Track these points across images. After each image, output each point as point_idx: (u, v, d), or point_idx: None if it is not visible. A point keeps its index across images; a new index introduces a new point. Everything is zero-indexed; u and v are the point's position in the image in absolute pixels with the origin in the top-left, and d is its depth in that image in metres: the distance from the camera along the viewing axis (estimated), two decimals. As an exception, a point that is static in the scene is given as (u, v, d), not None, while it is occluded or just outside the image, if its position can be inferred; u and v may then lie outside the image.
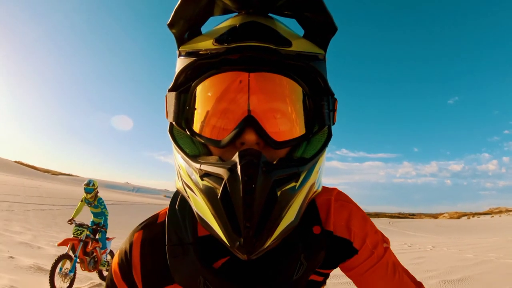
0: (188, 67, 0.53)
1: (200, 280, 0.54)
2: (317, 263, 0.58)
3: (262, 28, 0.52)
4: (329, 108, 0.56)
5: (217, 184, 0.46)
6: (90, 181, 5.50)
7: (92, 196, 5.46)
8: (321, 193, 0.67)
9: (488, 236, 19.04)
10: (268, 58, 0.51)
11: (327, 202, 0.65)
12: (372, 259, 0.64)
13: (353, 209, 0.67)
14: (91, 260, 5.00)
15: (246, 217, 0.43)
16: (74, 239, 4.75)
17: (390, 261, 0.66)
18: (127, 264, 0.62)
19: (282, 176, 0.46)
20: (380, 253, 0.65)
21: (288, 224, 0.47)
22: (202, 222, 0.49)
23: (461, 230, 27.97)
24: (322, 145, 0.55)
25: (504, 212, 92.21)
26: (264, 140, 0.50)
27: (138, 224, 0.67)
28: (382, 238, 0.68)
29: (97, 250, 5.11)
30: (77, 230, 4.86)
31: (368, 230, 0.66)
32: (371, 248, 0.64)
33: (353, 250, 0.64)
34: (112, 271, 0.64)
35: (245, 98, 0.50)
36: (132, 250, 0.62)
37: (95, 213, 5.60)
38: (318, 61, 0.54)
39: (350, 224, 0.65)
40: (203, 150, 0.56)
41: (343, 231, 0.64)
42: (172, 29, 0.54)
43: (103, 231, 5.41)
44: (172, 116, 0.56)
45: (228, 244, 0.45)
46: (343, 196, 0.69)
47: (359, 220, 0.66)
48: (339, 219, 0.65)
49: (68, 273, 4.43)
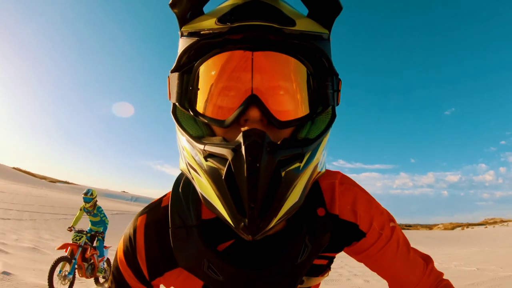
0: (191, 47, 0.53)
1: (204, 263, 0.54)
2: (322, 246, 0.59)
3: (266, 7, 0.51)
4: (333, 89, 0.55)
5: (221, 164, 0.46)
6: (88, 191, 5.54)
7: (91, 205, 5.51)
8: (325, 176, 0.67)
9: (473, 247, 19.48)
10: (271, 38, 0.51)
11: (331, 185, 0.66)
12: (381, 240, 0.65)
13: (358, 192, 0.67)
14: (89, 267, 5.07)
15: (251, 197, 0.43)
16: (73, 244, 4.83)
17: (399, 240, 0.67)
18: (131, 249, 0.62)
19: (286, 157, 0.46)
20: (388, 234, 0.65)
21: (292, 205, 0.48)
22: (206, 203, 0.49)
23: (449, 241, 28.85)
24: (326, 125, 0.55)
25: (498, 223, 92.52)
26: (267, 119, 0.50)
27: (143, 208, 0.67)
28: (388, 217, 0.68)
29: (94, 257, 5.18)
30: (76, 236, 4.94)
31: (374, 212, 0.66)
32: (379, 230, 0.65)
33: (360, 233, 0.65)
34: (117, 258, 0.64)
35: (248, 77, 0.50)
36: (136, 234, 0.62)
37: (94, 222, 5.66)
38: (323, 40, 0.54)
39: (356, 207, 0.65)
40: (207, 130, 0.56)
41: (348, 214, 0.65)
42: (174, 8, 0.53)
43: (101, 239, 5.49)
44: (175, 97, 0.55)
45: (233, 225, 0.46)
46: (347, 179, 0.69)
47: (365, 202, 0.66)
48: (344, 203, 0.65)
49: (67, 275, 4.50)
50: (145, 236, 0.61)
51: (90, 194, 5.48)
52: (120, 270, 0.63)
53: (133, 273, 0.62)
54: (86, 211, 5.58)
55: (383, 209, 0.68)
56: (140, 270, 0.61)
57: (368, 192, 0.69)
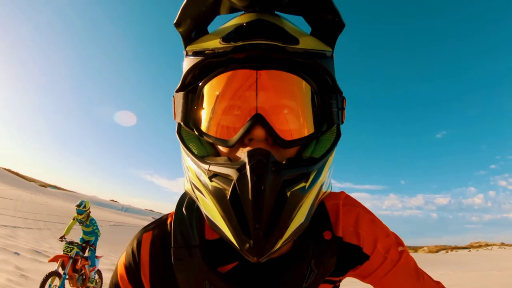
0: (195, 66, 0.53)
1: (206, 285, 0.53)
2: (327, 270, 0.57)
3: (269, 26, 0.51)
4: (338, 107, 0.55)
5: (226, 185, 0.45)
6: (82, 203, 5.61)
7: (84, 217, 5.57)
8: (330, 197, 0.66)
9: (441, 270, 19.95)
10: (275, 56, 0.51)
11: (335, 206, 0.64)
12: (386, 264, 0.62)
13: (360, 212, 0.65)
14: (80, 277, 5.08)
15: (256, 218, 0.42)
16: (64, 256, 4.86)
17: (408, 266, 0.63)
18: (134, 265, 0.60)
19: (291, 176, 0.46)
20: (395, 258, 0.62)
21: (298, 225, 0.46)
22: (211, 223, 0.48)
23: (425, 264, 30.60)
24: (331, 144, 0.54)
25: (483, 247, 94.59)
26: (272, 138, 0.49)
27: (147, 224, 0.66)
28: (396, 241, 0.65)
29: (86, 268, 5.19)
30: (67, 247, 4.98)
31: (379, 233, 0.64)
32: (384, 253, 0.62)
33: (364, 256, 0.62)
34: (117, 274, 0.62)
35: (253, 96, 0.49)
36: (141, 251, 0.61)
37: (86, 232, 5.70)
38: (326, 58, 0.54)
39: (358, 229, 0.63)
40: (211, 150, 0.55)
41: (351, 236, 0.63)
42: (179, 28, 0.54)
43: (93, 250, 5.52)
44: (180, 116, 0.55)
45: (238, 246, 0.44)
46: (350, 200, 0.68)
47: (368, 223, 0.64)
48: (347, 224, 0.63)
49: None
50: (150, 253, 0.60)
51: (83, 206, 5.57)
52: (120, 286, 0.61)
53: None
54: (79, 221, 5.64)
55: (389, 231, 0.66)
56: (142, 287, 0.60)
57: (373, 213, 0.67)
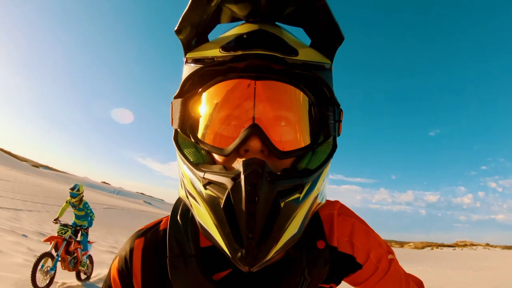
0: (194, 74, 0.53)
1: None
2: (320, 279, 0.58)
3: (269, 37, 0.52)
4: (335, 119, 0.55)
5: (221, 193, 0.45)
6: (75, 186, 5.63)
7: (77, 200, 5.59)
8: (324, 207, 0.66)
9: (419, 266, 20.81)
10: (274, 67, 0.51)
11: (329, 216, 0.65)
12: (378, 273, 0.64)
13: (355, 223, 0.67)
14: (72, 260, 5.12)
15: (249, 227, 0.42)
16: (58, 237, 4.90)
17: (397, 273, 0.65)
18: (127, 271, 0.60)
19: (286, 187, 0.46)
20: (385, 267, 0.64)
21: (291, 236, 0.47)
22: (204, 231, 0.48)
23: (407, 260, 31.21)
24: (327, 156, 0.54)
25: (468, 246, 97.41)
26: (268, 149, 0.49)
27: (137, 230, 0.66)
28: (387, 249, 0.67)
29: (78, 251, 5.23)
30: (61, 229, 5.03)
31: (372, 244, 0.65)
32: (376, 262, 0.64)
33: (356, 265, 0.64)
34: (110, 278, 0.62)
35: (250, 105, 0.50)
36: (133, 257, 0.61)
37: (78, 216, 5.70)
38: (325, 70, 0.54)
39: (353, 239, 0.65)
40: (208, 158, 0.55)
41: (346, 246, 0.64)
42: (179, 35, 0.54)
43: (85, 234, 5.54)
44: (177, 122, 0.55)
45: (230, 255, 0.45)
46: (345, 210, 0.69)
47: (362, 234, 0.66)
48: (342, 235, 0.64)
49: (49, 271, 4.56)
50: (142, 260, 0.60)
51: (77, 190, 5.59)
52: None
53: None
54: (72, 205, 5.64)
55: (381, 241, 0.67)
56: None
57: (366, 223, 0.69)
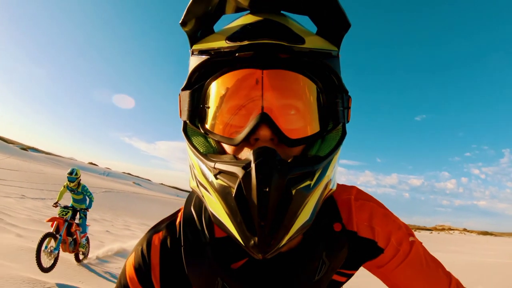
0: (201, 65, 0.53)
1: (218, 282, 0.54)
2: (339, 262, 0.58)
3: (275, 26, 0.52)
4: (343, 106, 0.55)
5: (232, 182, 0.45)
6: (73, 170, 5.68)
7: (75, 184, 5.65)
8: (341, 192, 0.67)
9: None
10: (281, 56, 0.51)
11: (347, 201, 0.65)
12: (399, 256, 0.63)
13: (374, 207, 0.66)
14: (72, 242, 5.18)
15: (261, 215, 0.42)
16: (60, 219, 4.99)
17: (418, 256, 0.64)
18: (144, 266, 0.60)
19: (297, 175, 0.46)
20: (407, 249, 0.63)
21: (303, 223, 0.47)
22: (216, 221, 0.49)
23: None
24: (337, 143, 0.54)
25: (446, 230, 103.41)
26: (278, 137, 0.49)
27: (155, 224, 0.66)
28: (407, 232, 0.66)
29: (77, 233, 5.30)
30: (62, 211, 5.15)
31: (392, 227, 0.65)
32: (396, 245, 0.63)
33: (378, 250, 0.63)
34: (125, 276, 0.62)
35: (258, 95, 0.50)
36: (151, 252, 0.61)
37: (76, 199, 5.74)
38: (332, 58, 0.54)
39: (373, 223, 0.64)
40: (217, 148, 0.55)
41: (366, 231, 0.63)
42: (185, 27, 0.54)
43: (84, 217, 5.62)
44: (186, 114, 0.56)
45: (243, 243, 0.45)
46: (362, 194, 0.68)
47: (381, 218, 0.65)
48: (361, 219, 0.64)
49: (53, 251, 4.62)
50: (161, 254, 0.61)
51: (75, 174, 5.64)
52: (130, 287, 0.61)
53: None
54: (69, 189, 5.70)
55: (400, 223, 0.67)
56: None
57: (385, 206, 0.68)
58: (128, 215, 17.32)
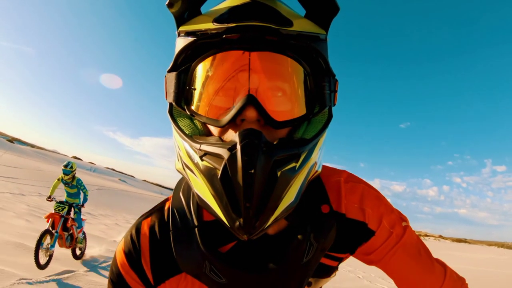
0: (188, 47, 0.52)
1: (206, 265, 0.53)
2: (327, 244, 0.57)
3: (263, 8, 0.51)
4: (330, 89, 0.55)
5: (217, 164, 0.45)
6: (68, 163, 5.57)
7: (70, 178, 5.53)
8: (330, 175, 0.66)
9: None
10: (268, 38, 0.50)
11: (336, 183, 0.64)
12: (392, 239, 0.62)
13: (365, 188, 0.65)
14: (68, 237, 5.05)
15: (246, 197, 0.42)
16: (56, 214, 4.83)
17: (412, 241, 0.63)
18: (135, 252, 0.60)
19: (282, 157, 0.46)
20: (399, 233, 0.62)
21: (288, 205, 0.47)
22: (202, 203, 0.48)
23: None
24: (323, 126, 0.54)
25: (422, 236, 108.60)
26: (264, 119, 0.49)
27: (145, 212, 0.66)
28: (400, 216, 0.65)
29: (73, 228, 5.17)
30: (58, 206, 4.99)
31: (383, 209, 0.64)
32: (389, 228, 0.62)
33: (369, 232, 0.62)
34: (117, 263, 0.62)
35: (245, 77, 0.49)
36: (141, 237, 0.61)
37: (70, 193, 5.62)
38: (320, 41, 0.53)
39: (363, 205, 0.63)
40: (203, 130, 0.55)
41: (356, 213, 0.62)
42: (171, 8, 0.53)
43: (78, 211, 5.48)
44: (172, 96, 0.55)
45: (228, 225, 0.45)
46: (353, 177, 0.67)
47: (373, 200, 0.64)
48: (351, 201, 0.63)
49: (50, 248, 4.50)
50: (150, 239, 0.61)
51: (70, 167, 5.52)
52: (122, 274, 0.61)
53: (137, 276, 0.60)
54: (64, 182, 5.56)
55: (393, 208, 0.66)
56: (144, 274, 0.60)
57: (377, 189, 0.67)
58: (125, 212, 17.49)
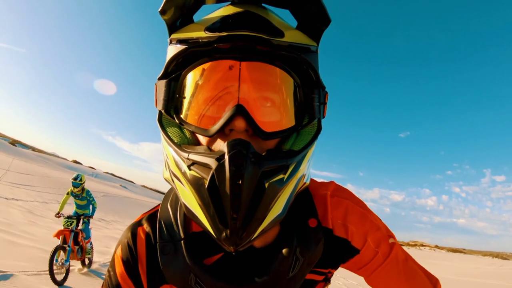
0: (179, 55, 0.52)
1: (191, 278, 0.52)
2: (314, 258, 0.56)
3: (255, 18, 0.51)
4: (320, 101, 0.55)
5: (205, 174, 0.44)
6: (78, 176, 5.56)
7: (79, 190, 5.52)
8: (318, 187, 0.65)
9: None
10: (259, 48, 0.50)
11: (323, 197, 0.63)
12: (378, 258, 0.61)
13: (350, 205, 0.63)
14: (79, 249, 5.08)
15: (233, 208, 0.42)
16: (66, 230, 4.88)
17: (399, 258, 0.62)
18: (132, 258, 0.59)
19: (270, 168, 0.45)
20: (386, 251, 0.61)
21: (275, 216, 0.46)
22: (189, 213, 0.48)
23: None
24: (312, 138, 0.54)
25: (418, 246, 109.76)
26: (253, 130, 0.48)
27: (139, 216, 0.65)
28: (387, 233, 0.63)
29: (82, 240, 5.17)
30: (67, 221, 4.98)
31: (368, 227, 0.62)
32: (374, 247, 0.61)
33: (353, 250, 0.61)
34: (115, 270, 0.61)
35: (235, 86, 0.49)
36: (137, 242, 0.60)
37: (80, 205, 5.62)
38: (310, 53, 0.53)
39: (347, 222, 0.62)
40: (192, 139, 0.54)
41: (340, 229, 0.62)
42: (164, 16, 0.52)
43: (87, 222, 5.48)
44: (161, 104, 0.54)
45: (215, 236, 0.44)
46: (340, 191, 0.66)
47: (357, 217, 0.63)
48: (336, 217, 0.62)
49: (64, 263, 4.56)
50: (147, 245, 0.60)
51: (80, 180, 5.50)
52: (119, 281, 0.60)
53: (133, 284, 0.60)
54: (73, 195, 5.56)
55: (380, 224, 0.64)
56: (140, 281, 0.59)
57: (364, 205, 0.66)
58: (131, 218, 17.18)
